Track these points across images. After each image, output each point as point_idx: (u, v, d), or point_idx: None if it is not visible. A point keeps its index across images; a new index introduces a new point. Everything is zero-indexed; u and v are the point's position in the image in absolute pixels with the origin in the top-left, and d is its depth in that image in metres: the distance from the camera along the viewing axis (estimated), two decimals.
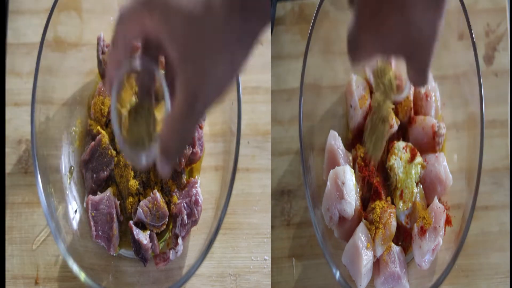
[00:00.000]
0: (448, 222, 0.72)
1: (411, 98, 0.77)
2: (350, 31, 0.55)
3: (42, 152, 0.71)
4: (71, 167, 0.76)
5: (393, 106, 0.70)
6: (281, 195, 0.80)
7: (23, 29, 0.83)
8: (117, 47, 0.51)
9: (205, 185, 0.76)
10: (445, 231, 0.72)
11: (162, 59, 0.57)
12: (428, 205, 0.74)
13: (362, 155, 0.75)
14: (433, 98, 0.77)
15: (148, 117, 0.56)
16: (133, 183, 0.73)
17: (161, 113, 0.52)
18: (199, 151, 0.75)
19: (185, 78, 0.47)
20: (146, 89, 0.55)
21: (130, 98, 0.56)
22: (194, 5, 0.45)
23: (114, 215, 0.72)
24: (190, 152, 0.74)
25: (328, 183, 0.72)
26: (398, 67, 0.70)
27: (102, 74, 0.77)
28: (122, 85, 0.54)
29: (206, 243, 0.67)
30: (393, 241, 0.73)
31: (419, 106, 0.78)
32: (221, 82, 0.48)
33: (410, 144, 0.76)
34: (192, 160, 0.75)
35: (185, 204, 0.72)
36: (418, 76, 0.58)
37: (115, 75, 0.53)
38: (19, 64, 0.82)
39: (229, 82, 0.48)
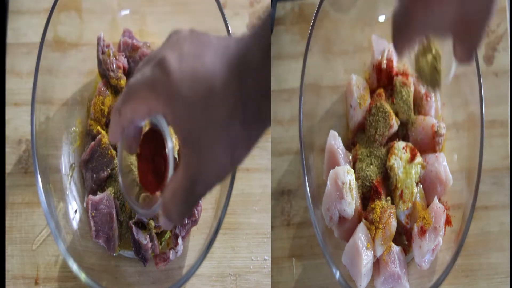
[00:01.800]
0: (448, 222, 0.72)
1: (411, 98, 0.77)
2: (397, 9, 0.53)
3: (42, 152, 0.71)
4: (72, 164, 0.76)
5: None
6: (281, 195, 0.80)
7: (23, 29, 0.83)
8: (124, 116, 0.52)
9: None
10: (445, 231, 0.72)
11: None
12: (428, 205, 0.74)
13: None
14: (433, 98, 0.77)
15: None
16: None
17: (168, 173, 0.53)
18: None
19: (186, 161, 0.48)
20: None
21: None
22: (197, 96, 0.46)
23: (114, 215, 0.72)
24: None
25: (328, 183, 0.72)
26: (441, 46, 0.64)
27: (102, 74, 0.77)
28: (130, 139, 0.55)
29: (206, 243, 0.67)
30: (396, 241, 0.73)
31: (419, 106, 0.78)
32: (221, 168, 0.48)
33: (410, 144, 0.76)
34: None
35: None
36: (467, 53, 0.56)
37: (120, 133, 0.54)
38: (19, 64, 0.82)
39: (229, 169, 0.49)
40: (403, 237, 0.74)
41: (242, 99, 0.45)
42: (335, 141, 0.75)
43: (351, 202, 0.72)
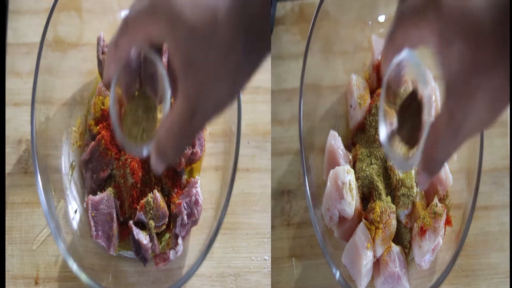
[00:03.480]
0: (448, 222, 0.72)
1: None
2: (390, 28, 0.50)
3: (42, 152, 0.71)
4: (72, 162, 0.76)
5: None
6: (281, 195, 0.80)
7: (23, 29, 0.83)
8: (121, 47, 0.50)
9: (205, 185, 0.76)
10: (445, 231, 0.72)
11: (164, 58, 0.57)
12: (428, 205, 0.74)
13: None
14: (433, 98, 0.77)
15: (149, 111, 0.55)
16: (133, 183, 0.73)
17: (162, 111, 0.51)
18: (199, 151, 0.75)
19: (186, 88, 0.47)
20: (148, 79, 0.54)
21: (133, 91, 0.55)
22: (199, 20, 0.45)
23: (114, 215, 0.72)
24: (190, 152, 0.73)
25: (328, 183, 0.72)
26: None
27: (102, 74, 0.77)
28: (124, 78, 0.53)
29: (206, 243, 0.67)
30: (396, 241, 0.73)
31: None
32: (221, 99, 0.47)
33: None
34: (192, 160, 0.75)
35: (185, 204, 0.72)
36: (431, 160, 0.50)
37: (115, 69, 0.52)
38: (19, 64, 0.82)
39: (229, 100, 0.48)
40: (403, 237, 0.74)
41: (244, 25, 0.44)
42: (335, 141, 0.75)
43: (351, 202, 0.72)
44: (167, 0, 0.45)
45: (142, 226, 0.73)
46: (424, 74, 0.51)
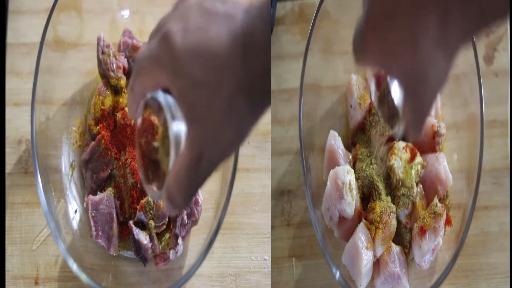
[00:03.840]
0: (448, 222, 0.72)
1: None
2: (357, 25, 0.52)
3: (42, 152, 0.71)
4: (72, 162, 0.76)
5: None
6: (281, 195, 0.80)
7: (23, 29, 0.83)
8: (136, 92, 0.52)
9: (205, 185, 0.75)
10: (445, 231, 0.72)
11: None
12: (428, 205, 0.74)
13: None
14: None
15: (163, 156, 0.55)
16: (133, 183, 0.73)
17: (171, 157, 0.51)
18: None
19: (191, 137, 0.47)
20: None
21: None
22: (201, 72, 0.45)
23: (114, 215, 0.72)
24: None
25: (328, 183, 0.72)
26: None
27: (102, 74, 0.77)
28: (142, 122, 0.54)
29: (206, 243, 0.67)
30: (396, 241, 0.73)
31: None
32: (226, 147, 0.48)
33: (410, 144, 0.76)
34: None
35: None
36: (414, 122, 0.52)
37: (136, 108, 0.53)
38: (19, 64, 0.82)
39: (234, 148, 0.49)
40: (403, 237, 0.74)
41: (247, 73, 0.45)
42: (335, 141, 0.75)
43: (351, 202, 0.72)
44: (171, 50, 0.46)
45: (142, 226, 0.73)
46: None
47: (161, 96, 0.49)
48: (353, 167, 0.76)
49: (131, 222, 0.71)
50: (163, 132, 0.51)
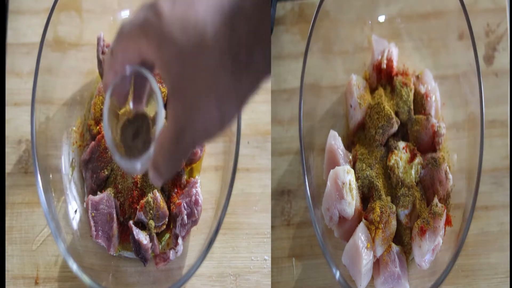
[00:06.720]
0: (448, 222, 0.72)
1: (411, 98, 0.77)
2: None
3: (42, 152, 0.71)
4: (72, 162, 0.76)
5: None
6: (281, 195, 0.80)
7: (23, 29, 0.83)
8: (115, 58, 0.51)
9: (205, 185, 0.76)
10: (445, 231, 0.72)
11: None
12: (428, 205, 0.74)
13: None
14: (433, 98, 0.77)
15: (143, 125, 0.55)
16: (133, 183, 0.73)
17: (157, 127, 0.52)
18: (199, 151, 0.75)
19: (174, 109, 0.47)
20: (141, 95, 0.55)
21: (125, 103, 0.56)
22: (187, 42, 0.45)
23: (114, 215, 0.72)
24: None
25: (328, 183, 0.72)
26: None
27: (102, 74, 0.77)
28: (118, 90, 0.54)
29: (206, 243, 0.67)
30: (396, 241, 0.73)
31: (419, 106, 0.78)
32: (209, 125, 0.47)
33: (410, 144, 0.76)
34: (192, 160, 0.75)
35: (185, 204, 0.72)
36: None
37: (111, 81, 0.53)
38: (19, 64, 0.82)
39: (217, 129, 0.48)
40: (403, 237, 0.74)
41: (232, 49, 0.44)
42: (335, 141, 0.75)
43: (351, 202, 0.72)
44: (158, 18, 0.46)
45: (142, 226, 0.73)
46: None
47: (144, 70, 0.50)
48: (353, 167, 0.76)
49: (131, 222, 0.71)
50: (151, 103, 0.51)
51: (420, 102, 0.78)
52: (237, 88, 0.46)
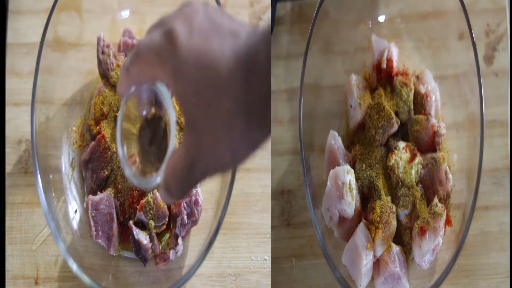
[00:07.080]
0: (448, 222, 0.72)
1: (411, 98, 0.77)
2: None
3: (42, 152, 0.71)
4: (72, 162, 0.76)
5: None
6: (281, 195, 0.80)
7: (23, 29, 0.83)
8: (131, 75, 0.51)
9: (205, 185, 0.76)
10: (445, 231, 0.72)
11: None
12: (428, 205, 0.74)
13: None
14: (433, 98, 0.77)
15: (159, 129, 0.55)
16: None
17: (170, 143, 0.51)
18: None
19: (187, 139, 0.47)
20: (158, 107, 0.55)
21: (142, 111, 0.55)
22: (201, 80, 0.44)
23: (114, 215, 0.72)
24: None
25: (328, 183, 0.72)
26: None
27: (102, 74, 0.77)
28: (137, 97, 0.53)
29: (206, 243, 0.67)
30: (396, 241, 0.73)
31: (419, 106, 0.78)
32: (220, 163, 0.47)
33: (410, 144, 0.76)
34: None
35: (185, 204, 0.72)
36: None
37: (127, 88, 0.52)
38: (19, 64, 0.82)
39: (228, 169, 0.48)
40: (403, 237, 0.74)
41: (246, 95, 0.43)
42: (335, 141, 0.75)
43: (351, 202, 0.72)
44: (174, 48, 0.45)
45: (142, 226, 0.73)
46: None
47: (163, 89, 0.50)
48: (353, 167, 0.76)
49: (131, 222, 0.71)
50: (164, 122, 0.51)
51: (420, 102, 0.78)
52: (250, 135, 0.45)
